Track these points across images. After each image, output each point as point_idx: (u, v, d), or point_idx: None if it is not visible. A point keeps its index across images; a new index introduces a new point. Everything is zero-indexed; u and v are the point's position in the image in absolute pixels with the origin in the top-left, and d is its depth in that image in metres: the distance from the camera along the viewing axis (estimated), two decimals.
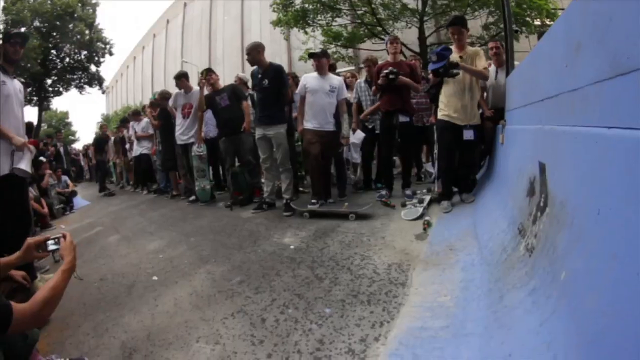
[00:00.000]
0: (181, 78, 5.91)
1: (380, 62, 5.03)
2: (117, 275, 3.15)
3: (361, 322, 1.97)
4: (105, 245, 4.28)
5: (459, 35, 3.88)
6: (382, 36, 14.51)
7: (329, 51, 15.36)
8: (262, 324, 2.07)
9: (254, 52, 4.61)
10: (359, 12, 14.91)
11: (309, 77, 4.53)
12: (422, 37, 14.65)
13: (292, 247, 3.25)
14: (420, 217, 3.67)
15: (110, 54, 24.69)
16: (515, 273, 1.73)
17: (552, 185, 1.59)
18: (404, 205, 4.10)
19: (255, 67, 4.73)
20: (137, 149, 8.02)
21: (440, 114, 3.95)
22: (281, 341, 1.89)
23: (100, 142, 10.70)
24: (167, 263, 3.27)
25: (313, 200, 4.33)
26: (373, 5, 14.46)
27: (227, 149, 5.33)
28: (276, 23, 15.64)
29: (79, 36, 22.33)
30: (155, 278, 2.96)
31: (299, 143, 5.38)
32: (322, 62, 4.52)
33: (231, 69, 27.41)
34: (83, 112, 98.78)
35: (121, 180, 10.65)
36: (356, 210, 3.98)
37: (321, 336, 1.89)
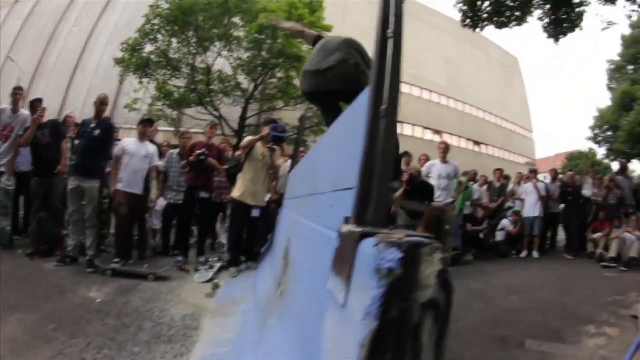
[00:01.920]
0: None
1: (194, 141, 5.87)
2: None
3: (165, 355, 2.53)
4: None
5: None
6: (209, 107, 15.64)
7: (155, 107, 15.67)
8: None
9: (103, 106, 4.88)
10: (196, 79, 15.65)
11: (129, 141, 4.96)
12: (243, 117, 16.27)
13: (98, 300, 3.49)
14: (211, 280, 4.41)
15: None
16: (273, 309, 2.72)
17: (291, 251, 2.73)
18: (197, 270, 4.77)
19: (88, 118, 4.89)
20: None
21: (236, 194, 4.96)
22: None
23: None
24: None
25: (116, 260, 4.55)
26: (210, 76, 15.51)
27: (37, 190, 4.97)
28: (119, 62, 15.01)
29: None
30: None
31: (107, 200, 5.44)
32: (149, 130, 5.08)
33: (56, 87, 24.14)
34: None
35: None
36: (155, 272, 4.42)
37: None
